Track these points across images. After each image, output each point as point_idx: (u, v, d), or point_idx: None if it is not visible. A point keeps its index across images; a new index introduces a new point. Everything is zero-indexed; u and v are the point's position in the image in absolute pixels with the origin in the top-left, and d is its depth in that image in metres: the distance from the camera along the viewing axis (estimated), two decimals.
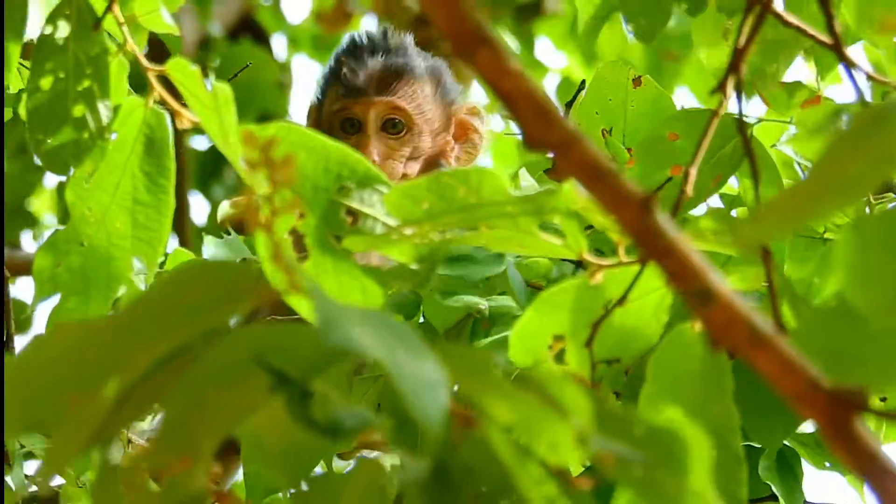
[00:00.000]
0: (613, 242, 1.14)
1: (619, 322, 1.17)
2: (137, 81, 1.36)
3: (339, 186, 1.20)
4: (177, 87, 1.26)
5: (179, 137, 3.94)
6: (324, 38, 4.84)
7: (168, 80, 1.27)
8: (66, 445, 0.81)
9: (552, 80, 4.68)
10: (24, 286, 4.37)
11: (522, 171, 1.76)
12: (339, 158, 1.21)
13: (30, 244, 4.44)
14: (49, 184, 4.46)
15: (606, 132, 1.67)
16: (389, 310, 1.52)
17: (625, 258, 1.14)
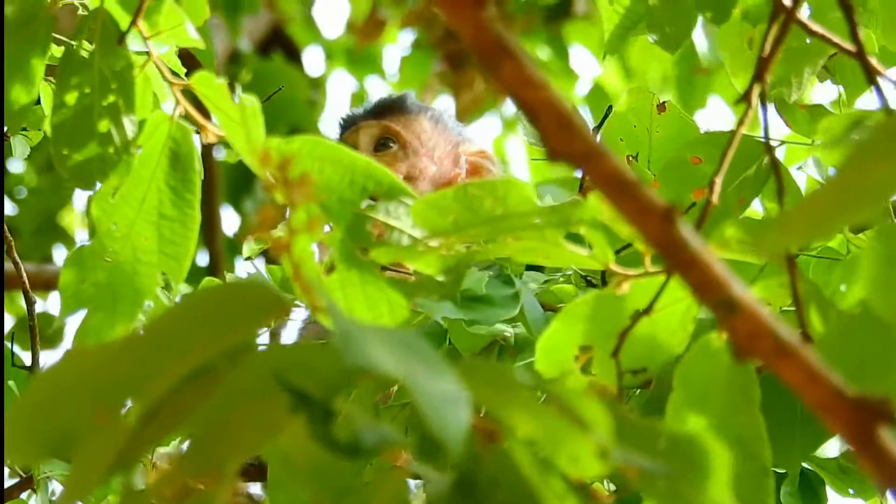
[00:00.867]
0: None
1: (646, 332, 1.17)
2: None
3: (366, 198, 1.20)
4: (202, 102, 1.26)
5: (208, 150, 3.96)
6: (358, 52, 4.85)
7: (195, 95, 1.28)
8: (89, 471, 0.81)
9: (585, 87, 4.68)
10: (56, 300, 4.38)
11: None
12: (365, 171, 1.21)
13: (62, 259, 4.46)
14: (80, 199, 4.50)
15: (632, 158, 1.67)
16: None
17: (651, 268, 1.14)
